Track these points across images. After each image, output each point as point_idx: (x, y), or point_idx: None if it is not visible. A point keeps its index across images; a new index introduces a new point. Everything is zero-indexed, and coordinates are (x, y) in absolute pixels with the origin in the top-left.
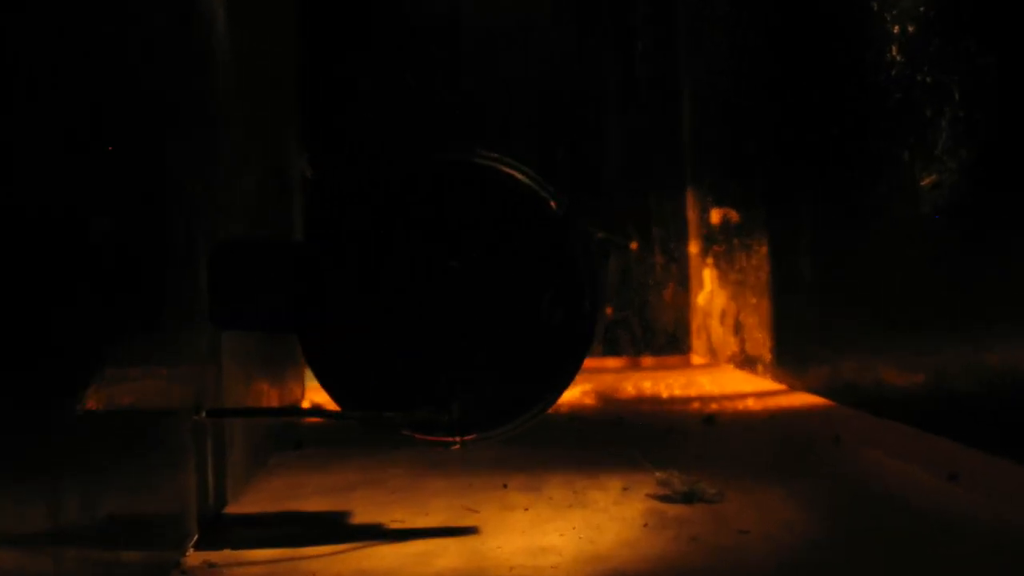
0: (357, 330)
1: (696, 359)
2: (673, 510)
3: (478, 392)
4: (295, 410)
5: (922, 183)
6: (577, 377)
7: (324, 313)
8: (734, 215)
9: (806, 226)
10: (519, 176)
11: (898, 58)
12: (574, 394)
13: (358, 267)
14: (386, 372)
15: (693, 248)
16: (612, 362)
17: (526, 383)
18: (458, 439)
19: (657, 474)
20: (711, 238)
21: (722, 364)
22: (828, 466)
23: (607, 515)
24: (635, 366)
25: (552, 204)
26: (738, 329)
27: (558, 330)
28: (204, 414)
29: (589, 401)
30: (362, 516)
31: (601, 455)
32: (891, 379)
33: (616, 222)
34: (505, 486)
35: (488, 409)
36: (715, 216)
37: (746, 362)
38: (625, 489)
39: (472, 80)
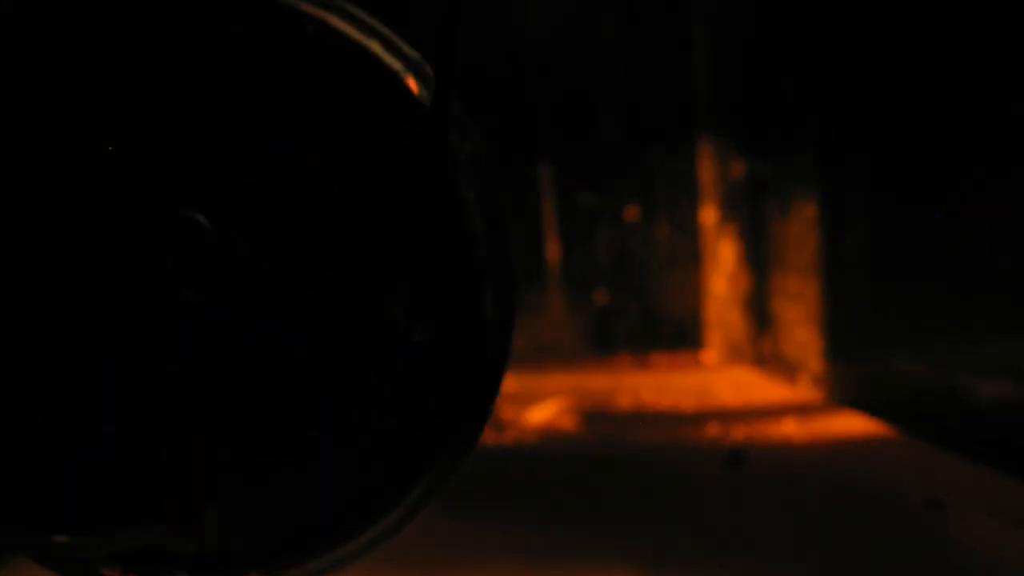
0: None
1: (712, 358)
2: None
3: (260, 493)
4: None
5: None
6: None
7: None
8: (764, 168)
9: (885, 177)
10: (338, 23)
11: None
12: (548, 414)
13: None
14: (57, 457)
15: (708, 216)
16: (605, 363)
17: (360, 471)
18: None
19: None
20: (732, 200)
21: (745, 367)
22: (947, 565)
23: None
24: (634, 368)
25: (411, 84)
26: (769, 323)
27: (430, 356)
28: None
29: (568, 424)
30: None
31: (575, 538)
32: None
33: (609, 182)
34: None
35: (282, 526)
36: (738, 170)
37: (781, 367)
38: None
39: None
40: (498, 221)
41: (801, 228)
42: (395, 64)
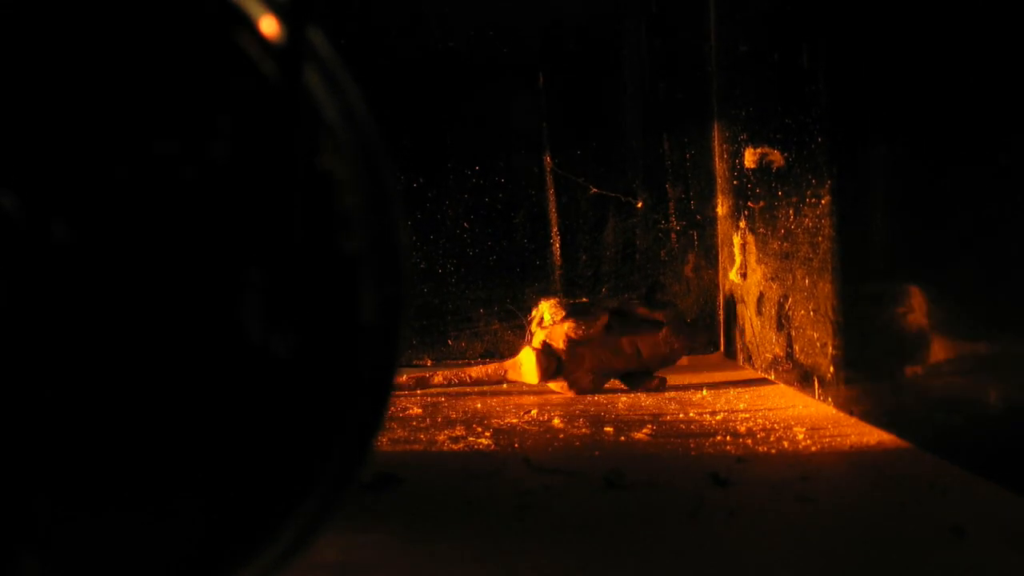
0: None
1: (725, 361)
2: None
3: (82, 542)
4: None
5: None
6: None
7: None
8: (777, 156)
9: (901, 163)
10: None
11: None
12: (541, 416)
13: None
14: None
15: (721, 208)
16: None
17: (198, 524)
18: None
19: None
20: (744, 191)
21: (760, 370)
22: None
23: None
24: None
25: (260, 19)
26: (782, 323)
27: (287, 375)
28: None
29: (564, 427)
30: None
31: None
32: None
33: (616, 173)
34: None
35: None
36: (750, 158)
37: (794, 372)
38: None
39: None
40: (382, 199)
41: (813, 219)
42: None
